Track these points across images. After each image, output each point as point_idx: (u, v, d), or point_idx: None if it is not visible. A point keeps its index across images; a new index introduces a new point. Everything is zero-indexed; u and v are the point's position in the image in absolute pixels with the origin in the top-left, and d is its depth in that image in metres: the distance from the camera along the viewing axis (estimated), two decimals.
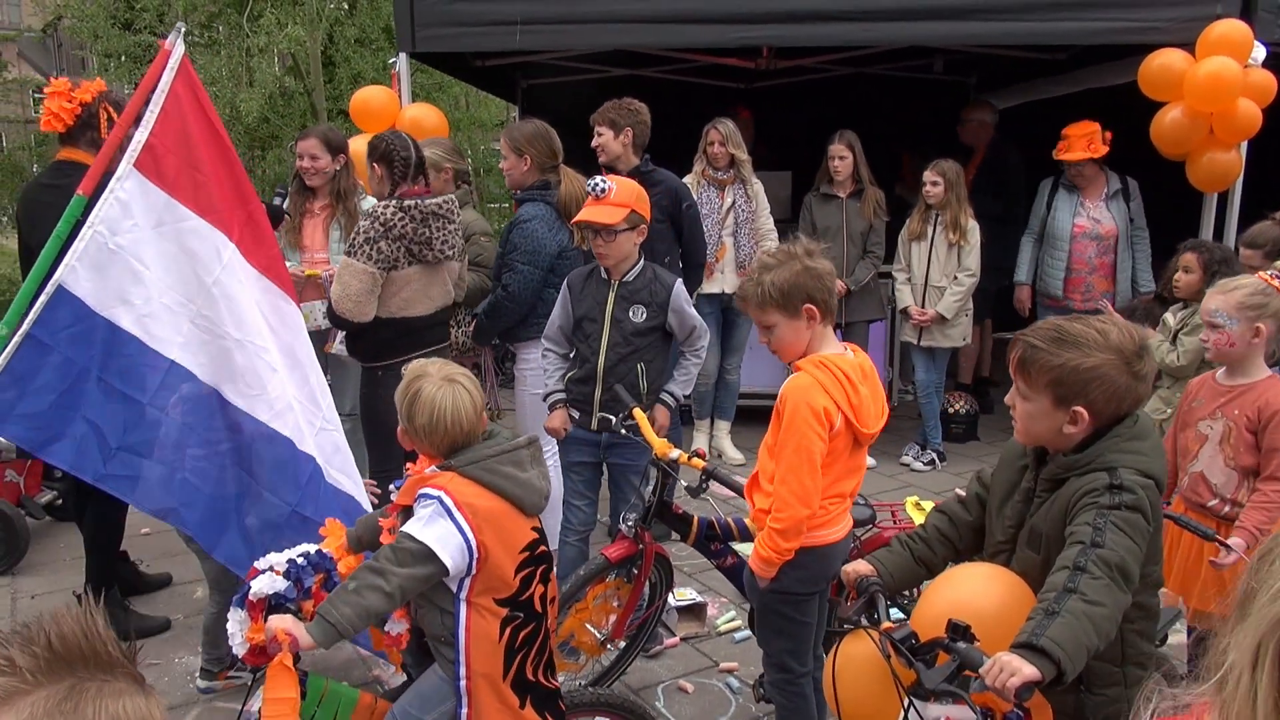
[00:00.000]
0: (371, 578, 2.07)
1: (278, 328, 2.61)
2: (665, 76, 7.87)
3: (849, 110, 7.05)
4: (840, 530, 2.60)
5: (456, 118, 13.89)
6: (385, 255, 3.61)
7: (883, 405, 2.53)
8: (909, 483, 5.66)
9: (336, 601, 2.07)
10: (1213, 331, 2.84)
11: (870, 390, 2.48)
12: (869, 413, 2.46)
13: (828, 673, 2.03)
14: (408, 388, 2.23)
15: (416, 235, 3.66)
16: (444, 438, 2.20)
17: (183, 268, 2.49)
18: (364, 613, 2.07)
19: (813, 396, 2.38)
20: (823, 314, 2.47)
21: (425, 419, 2.19)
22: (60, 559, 4.60)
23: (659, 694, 3.44)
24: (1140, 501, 1.81)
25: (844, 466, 2.51)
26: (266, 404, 2.58)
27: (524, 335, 4.17)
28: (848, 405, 2.41)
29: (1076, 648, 1.63)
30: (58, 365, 2.33)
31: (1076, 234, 5.77)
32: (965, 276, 5.64)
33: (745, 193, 5.57)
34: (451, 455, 2.21)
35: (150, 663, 3.64)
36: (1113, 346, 1.88)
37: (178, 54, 2.46)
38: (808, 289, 2.42)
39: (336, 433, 2.69)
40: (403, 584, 2.08)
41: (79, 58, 23.80)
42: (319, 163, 4.42)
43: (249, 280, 2.56)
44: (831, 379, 2.41)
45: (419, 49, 5.73)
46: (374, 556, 2.12)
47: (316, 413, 2.64)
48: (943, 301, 5.65)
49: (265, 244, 2.58)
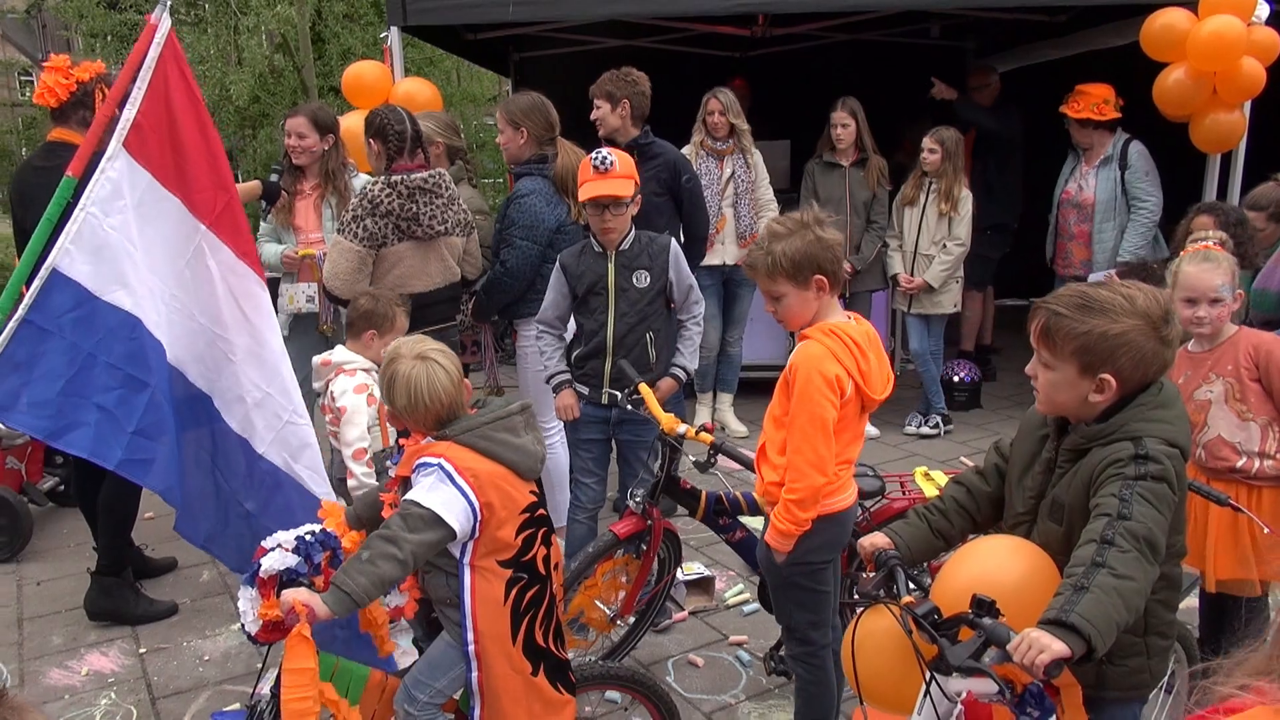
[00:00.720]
0: (385, 546, 2.07)
1: (250, 314, 2.57)
2: (659, 47, 7.77)
3: (845, 78, 6.96)
4: (850, 496, 2.61)
5: (449, 93, 13.75)
6: (372, 232, 3.60)
7: (888, 373, 2.52)
8: (914, 452, 5.64)
9: (351, 571, 2.07)
10: (1214, 307, 2.77)
11: (877, 358, 2.49)
12: (876, 379, 2.47)
13: (847, 647, 2.00)
14: (384, 371, 2.26)
15: (404, 211, 3.64)
16: (426, 413, 2.23)
17: (160, 248, 2.47)
18: (378, 580, 2.07)
19: (824, 365, 2.37)
20: (832, 284, 2.45)
21: (405, 399, 2.22)
22: (64, 545, 4.57)
23: (669, 668, 3.43)
24: (1166, 471, 1.78)
25: (852, 433, 2.51)
26: (219, 392, 2.60)
27: (524, 311, 4.11)
28: (858, 372, 2.41)
29: (1107, 623, 1.61)
30: (62, 351, 2.30)
31: (1063, 200, 5.79)
32: (954, 245, 5.62)
33: (745, 163, 5.50)
34: (439, 429, 2.23)
35: (159, 647, 3.63)
36: (1140, 312, 1.83)
37: (163, 30, 2.39)
38: (819, 259, 2.40)
39: (306, 426, 2.65)
40: (415, 550, 2.09)
41: (64, 38, 23.51)
42: (306, 141, 4.34)
43: (221, 264, 2.52)
44: (841, 346, 2.40)
45: (410, 22, 5.65)
46: (384, 525, 2.12)
47: (286, 405, 2.61)
48: (930, 270, 5.63)
49: (240, 227, 2.53)
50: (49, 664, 3.53)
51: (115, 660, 3.55)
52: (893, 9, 6.57)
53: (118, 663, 3.54)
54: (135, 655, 3.59)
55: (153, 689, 3.37)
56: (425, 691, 2.27)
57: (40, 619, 3.87)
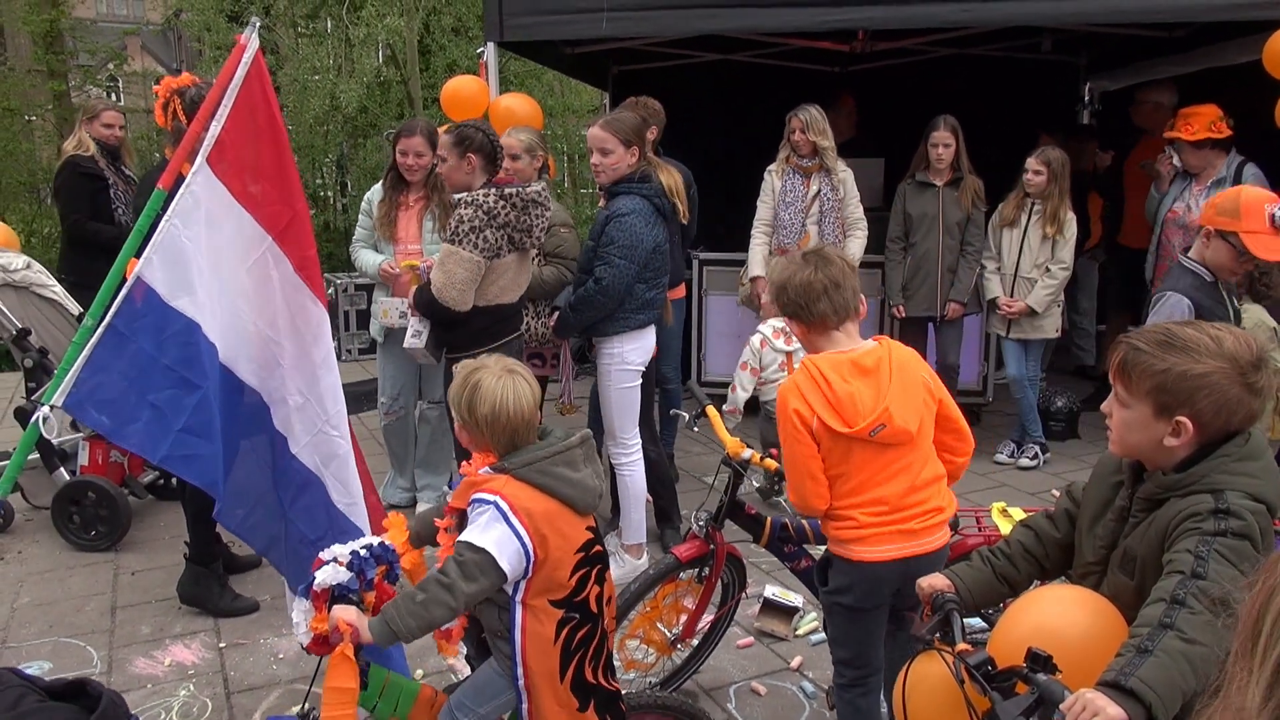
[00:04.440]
0: (440, 593, 2.08)
1: (301, 327, 2.65)
2: (758, 61, 7.71)
3: (950, 94, 6.79)
4: (886, 550, 2.40)
5: (550, 105, 13.93)
6: (490, 243, 3.71)
7: (900, 399, 2.36)
8: (1003, 482, 5.44)
9: (403, 610, 2.08)
10: None
11: (869, 386, 2.36)
12: (858, 409, 2.34)
13: (898, 692, 1.93)
14: (465, 381, 2.24)
15: (519, 223, 3.76)
16: (505, 428, 2.20)
17: (225, 253, 2.57)
18: (428, 625, 2.10)
19: (789, 400, 2.41)
20: (803, 324, 2.48)
21: (488, 409, 2.18)
22: (160, 537, 4.77)
23: (731, 695, 3.37)
24: (1249, 528, 1.65)
25: (873, 469, 2.38)
26: (268, 391, 2.68)
27: (609, 330, 4.11)
28: (823, 404, 2.34)
29: (1170, 690, 1.49)
30: (133, 354, 2.41)
31: (1169, 219, 5.48)
32: (1058, 269, 5.42)
33: (831, 181, 5.41)
34: (509, 451, 2.21)
35: (238, 642, 3.75)
36: (1227, 354, 1.71)
37: (251, 49, 2.48)
38: (788, 307, 2.49)
39: (341, 439, 2.71)
40: (469, 599, 2.10)
41: (197, 49, 24.72)
42: (423, 160, 4.51)
43: (282, 275, 2.61)
44: (807, 379, 2.40)
45: (507, 38, 5.73)
46: (441, 569, 2.12)
47: (321, 415, 2.68)
48: (1033, 294, 5.44)
49: (304, 243, 2.61)
50: (136, 652, 3.68)
51: (197, 653, 3.69)
52: (997, 24, 6.36)
53: (199, 655, 3.67)
54: (215, 649, 3.72)
55: (229, 683, 3.48)
56: (469, 716, 2.28)
57: (132, 608, 4.05)
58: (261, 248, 2.56)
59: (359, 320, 8.96)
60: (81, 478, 4.72)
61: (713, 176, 6.90)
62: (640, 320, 4.11)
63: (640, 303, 4.08)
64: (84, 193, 5.27)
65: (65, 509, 4.63)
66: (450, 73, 11.80)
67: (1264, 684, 0.89)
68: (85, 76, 15.42)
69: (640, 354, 4.15)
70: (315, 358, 2.67)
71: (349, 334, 9.06)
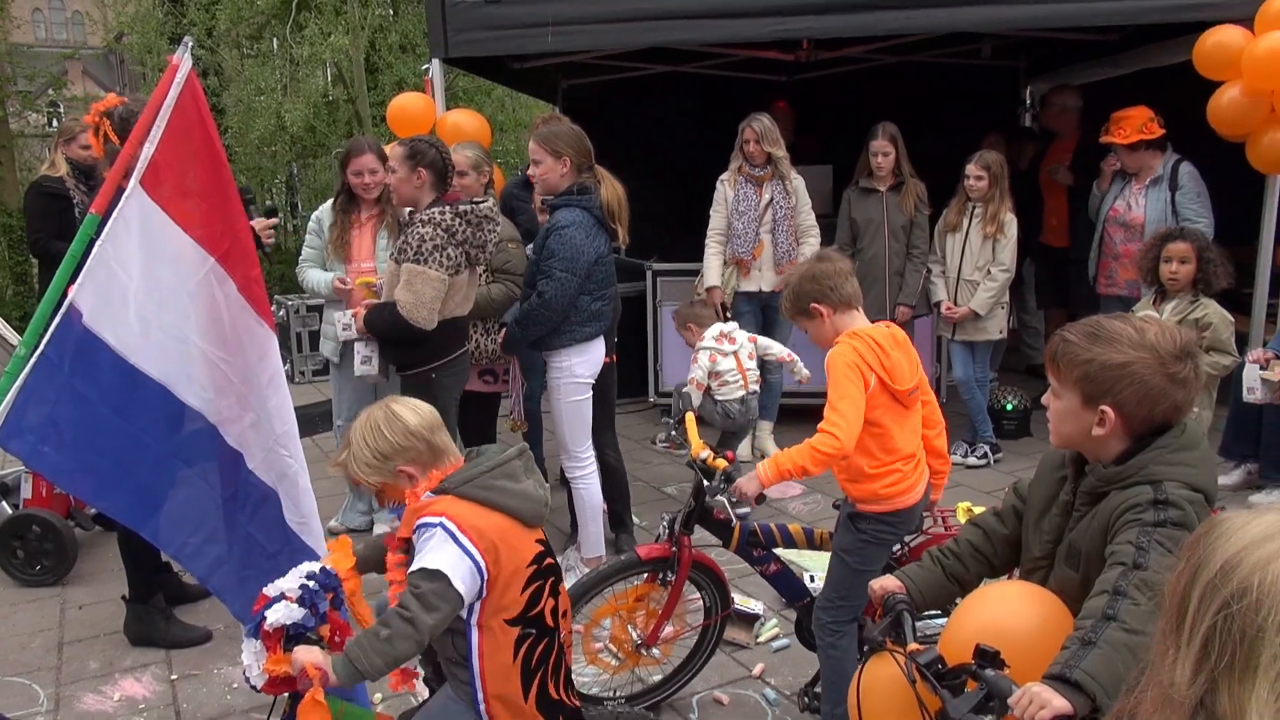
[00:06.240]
0: (404, 627, 2.03)
1: (248, 347, 2.61)
2: (705, 72, 7.76)
3: (895, 99, 6.88)
4: (917, 493, 2.84)
5: (500, 120, 13.91)
6: (453, 260, 3.73)
7: (916, 366, 2.84)
8: (959, 481, 5.48)
9: (368, 650, 2.02)
10: None
11: (903, 354, 2.80)
12: (902, 373, 2.76)
13: (853, 694, 1.93)
14: (358, 440, 2.22)
15: (475, 239, 3.80)
16: (416, 434, 2.19)
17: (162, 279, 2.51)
18: (394, 661, 2.06)
19: (846, 355, 2.70)
20: (832, 305, 2.78)
21: (390, 430, 2.19)
22: (108, 569, 4.65)
23: (694, 705, 3.36)
24: (1187, 518, 1.68)
25: (900, 423, 2.78)
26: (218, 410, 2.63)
27: (556, 343, 4.10)
28: (880, 367, 2.71)
29: (1114, 681, 1.51)
30: (63, 383, 2.35)
31: (1110, 218, 5.62)
32: (999, 271, 5.50)
33: (784, 189, 5.45)
34: (434, 460, 2.20)
35: (190, 674, 3.67)
36: (1148, 345, 1.75)
37: (184, 69, 2.44)
38: (809, 294, 2.78)
39: (290, 458, 2.69)
40: (432, 629, 2.05)
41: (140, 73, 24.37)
42: (376, 176, 4.48)
43: (226, 296, 2.57)
44: (864, 344, 2.71)
45: (452, 54, 5.70)
46: (402, 603, 2.06)
47: (271, 434, 2.64)
48: (975, 298, 5.53)
49: (248, 263, 2.58)
50: (84, 689, 3.59)
51: (148, 686, 3.60)
52: (939, 31, 6.46)
53: (150, 689, 3.58)
54: (167, 681, 3.63)
55: (181, 716, 3.40)
56: None
57: (80, 643, 3.94)
58: (204, 269, 2.51)
59: (311, 342, 8.85)
60: (25, 511, 4.60)
61: (664, 187, 6.94)
62: (587, 333, 4.10)
63: (586, 315, 4.07)
64: (49, 213, 5.17)
65: (8, 543, 4.51)
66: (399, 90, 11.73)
67: (1192, 660, 0.91)
68: (24, 102, 15.13)
69: (588, 366, 4.14)
70: (262, 378, 2.63)
71: (301, 355, 8.93)
